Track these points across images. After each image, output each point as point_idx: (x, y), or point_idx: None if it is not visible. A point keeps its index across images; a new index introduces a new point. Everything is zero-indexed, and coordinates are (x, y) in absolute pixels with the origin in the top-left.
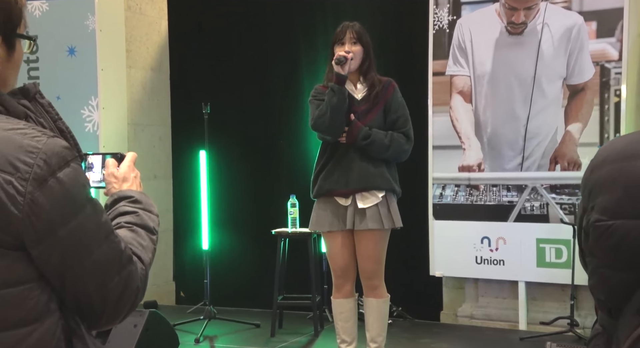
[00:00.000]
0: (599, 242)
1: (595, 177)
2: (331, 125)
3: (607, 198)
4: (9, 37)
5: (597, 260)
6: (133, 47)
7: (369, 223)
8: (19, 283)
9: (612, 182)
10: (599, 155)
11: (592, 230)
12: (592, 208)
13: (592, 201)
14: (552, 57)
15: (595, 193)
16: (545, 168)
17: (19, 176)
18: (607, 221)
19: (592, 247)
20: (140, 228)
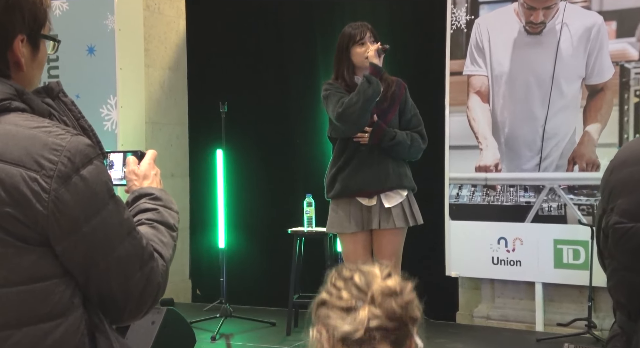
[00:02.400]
0: (619, 244)
1: (615, 179)
2: (360, 116)
3: (627, 200)
4: (34, 38)
5: (616, 262)
6: (151, 47)
7: (395, 222)
8: (44, 279)
9: (633, 184)
10: (619, 157)
11: (611, 232)
12: (611, 210)
13: (612, 202)
14: (571, 57)
15: (615, 194)
16: (563, 168)
17: (43, 173)
18: (627, 223)
19: (611, 249)
20: (160, 225)
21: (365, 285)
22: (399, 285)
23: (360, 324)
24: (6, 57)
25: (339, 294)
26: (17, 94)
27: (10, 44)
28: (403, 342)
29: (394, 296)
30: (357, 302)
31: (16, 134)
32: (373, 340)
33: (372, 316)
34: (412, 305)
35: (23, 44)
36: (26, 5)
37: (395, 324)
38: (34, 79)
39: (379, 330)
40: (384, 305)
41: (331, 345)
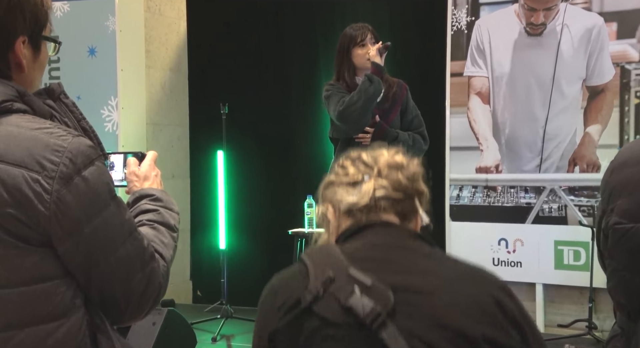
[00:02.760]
0: (619, 245)
1: (615, 179)
2: (361, 115)
3: (627, 201)
4: (35, 39)
5: (616, 262)
6: (152, 48)
7: None
8: (46, 280)
9: (633, 184)
10: (619, 157)
11: (611, 232)
12: (611, 210)
13: (612, 203)
14: (571, 58)
15: (615, 195)
16: (564, 170)
17: (45, 174)
18: (627, 224)
19: (611, 250)
20: (161, 225)
21: (372, 161)
22: (406, 160)
23: (366, 194)
24: (7, 58)
25: (346, 172)
26: (19, 96)
27: (11, 46)
28: (409, 216)
29: (401, 168)
30: (364, 176)
31: (18, 135)
32: (378, 209)
33: (378, 186)
34: (418, 179)
35: (24, 45)
36: (27, 7)
37: (401, 195)
38: (35, 80)
39: (385, 200)
40: (390, 177)
41: (337, 219)
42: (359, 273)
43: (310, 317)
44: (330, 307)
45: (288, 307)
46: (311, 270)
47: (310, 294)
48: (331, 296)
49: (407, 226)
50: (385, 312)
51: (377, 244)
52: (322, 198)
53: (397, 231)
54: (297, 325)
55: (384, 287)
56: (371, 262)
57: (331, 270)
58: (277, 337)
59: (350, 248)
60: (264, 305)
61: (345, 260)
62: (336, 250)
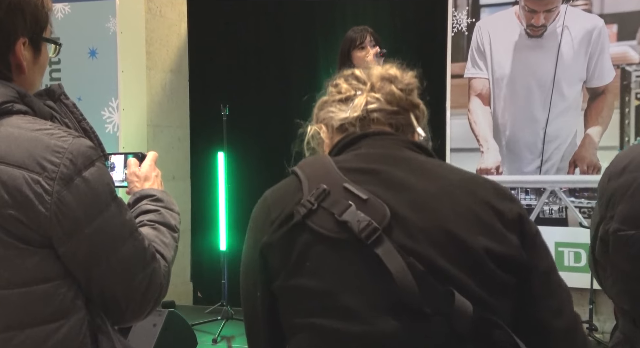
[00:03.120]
0: (621, 252)
1: (614, 186)
2: None
3: (627, 207)
4: (36, 40)
5: (618, 270)
6: (153, 49)
7: None
8: (47, 280)
9: (633, 191)
10: (617, 164)
11: (612, 240)
12: (611, 217)
13: (612, 210)
14: (572, 60)
15: (614, 202)
16: (564, 171)
17: (46, 175)
18: (628, 231)
19: (613, 257)
20: (162, 226)
21: (365, 76)
22: (400, 72)
23: (358, 107)
24: (8, 59)
25: (339, 89)
26: (19, 97)
27: (12, 47)
28: (405, 130)
29: (394, 80)
30: (357, 91)
31: (18, 137)
32: (371, 121)
33: (371, 99)
34: (413, 91)
35: (25, 46)
36: (28, 8)
37: (394, 108)
38: (36, 81)
39: (378, 112)
40: (383, 90)
41: (330, 137)
42: (354, 187)
43: (304, 231)
44: (325, 221)
45: (281, 221)
46: (305, 184)
47: (304, 208)
48: (326, 210)
49: (402, 135)
50: (382, 227)
51: (372, 155)
52: (315, 119)
53: (391, 140)
54: (290, 239)
55: (380, 202)
56: (366, 175)
57: (325, 183)
58: (270, 250)
59: (344, 160)
60: (257, 219)
61: (340, 173)
62: (330, 162)
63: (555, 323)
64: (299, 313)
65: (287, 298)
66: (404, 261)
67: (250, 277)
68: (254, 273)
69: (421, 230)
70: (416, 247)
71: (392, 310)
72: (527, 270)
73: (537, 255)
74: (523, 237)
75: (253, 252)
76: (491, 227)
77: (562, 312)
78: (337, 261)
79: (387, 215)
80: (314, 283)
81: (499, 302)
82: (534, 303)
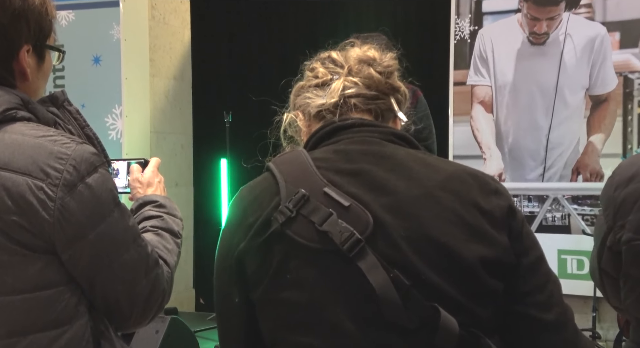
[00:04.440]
0: (635, 262)
1: (622, 195)
2: None
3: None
4: (40, 48)
5: (632, 280)
6: (156, 56)
7: None
8: (50, 287)
9: None
10: (623, 173)
11: (625, 249)
12: (621, 226)
13: (621, 219)
14: (574, 68)
15: (624, 211)
16: (567, 178)
17: (49, 182)
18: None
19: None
20: (165, 232)
21: (342, 59)
22: (379, 54)
23: (335, 92)
24: (12, 67)
25: (315, 74)
26: (23, 104)
27: (16, 54)
28: (385, 115)
29: (373, 63)
30: (333, 76)
31: (22, 143)
32: (349, 108)
33: (348, 84)
34: (392, 73)
35: (29, 54)
36: (32, 16)
37: (373, 93)
38: (39, 88)
39: (356, 98)
40: (361, 73)
41: (307, 125)
42: (334, 192)
43: (282, 239)
44: (304, 230)
45: (258, 228)
46: (282, 186)
47: (282, 215)
48: (305, 218)
49: (383, 125)
50: (364, 237)
51: (352, 152)
52: (292, 105)
53: (372, 133)
54: (268, 247)
55: (362, 209)
56: (346, 176)
57: (304, 187)
58: (246, 257)
59: (322, 159)
60: (232, 221)
61: (319, 175)
62: (308, 160)
63: (545, 316)
64: (282, 328)
65: (268, 310)
66: (387, 275)
67: (225, 282)
68: (229, 278)
69: (405, 239)
70: (400, 258)
71: (376, 324)
72: (516, 269)
73: (525, 246)
74: (511, 232)
75: (229, 256)
76: (481, 231)
77: (551, 305)
78: (318, 273)
79: (370, 223)
80: (296, 296)
81: (486, 311)
82: (522, 299)
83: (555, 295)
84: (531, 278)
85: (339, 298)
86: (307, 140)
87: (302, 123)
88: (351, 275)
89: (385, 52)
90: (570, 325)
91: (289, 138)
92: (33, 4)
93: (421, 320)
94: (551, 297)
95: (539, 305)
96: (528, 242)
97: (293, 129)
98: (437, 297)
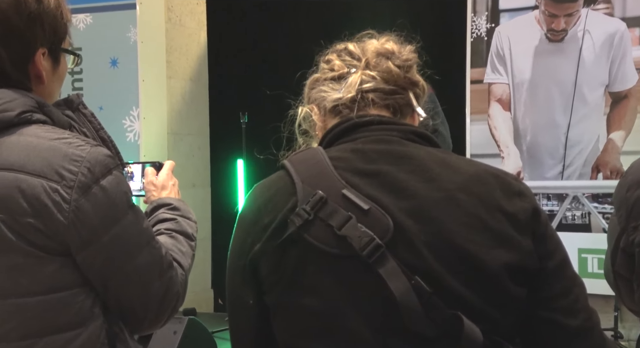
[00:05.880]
0: None
1: (635, 196)
2: None
3: None
4: (55, 51)
5: None
6: (173, 58)
7: None
8: (65, 289)
9: None
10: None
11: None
12: (634, 228)
13: (634, 221)
14: (593, 64)
15: (637, 212)
16: (587, 176)
17: (64, 184)
18: None
19: None
20: (179, 234)
21: (360, 51)
22: (397, 46)
23: (352, 87)
24: (27, 70)
25: (331, 66)
26: (38, 106)
27: (31, 58)
28: (404, 111)
29: (391, 56)
30: (350, 69)
31: (37, 146)
32: (367, 103)
33: (366, 78)
34: (412, 67)
35: (44, 57)
36: (47, 19)
37: (392, 87)
38: (55, 92)
39: (373, 92)
40: (379, 67)
41: (322, 120)
42: (353, 194)
43: (299, 243)
44: (322, 235)
45: (274, 230)
46: (299, 187)
47: (299, 218)
48: (323, 222)
49: (402, 122)
50: (384, 243)
51: (370, 152)
52: (307, 99)
53: (390, 131)
54: (284, 251)
55: (382, 212)
56: (365, 178)
57: (321, 188)
58: (261, 260)
59: (340, 158)
60: (246, 220)
61: (337, 176)
62: (325, 160)
63: (570, 322)
64: (297, 335)
65: (283, 316)
66: (408, 282)
67: (238, 284)
68: (243, 280)
69: (426, 244)
70: (421, 264)
71: (395, 333)
72: (539, 273)
73: (549, 250)
74: (535, 235)
75: (242, 257)
76: (504, 236)
77: (576, 310)
78: (336, 279)
79: (390, 228)
80: (312, 302)
81: (509, 318)
82: (547, 304)
83: (581, 300)
84: (556, 283)
85: (357, 305)
86: (323, 136)
87: (317, 117)
88: (370, 282)
89: (404, 44)
90: (596, 331)
91: (303, 132)
92: (48, 7)
93: (443, 329)
94: (576, 302)
95: (564, 310)
96: (552, 245)
97: (307, 123)
98: (459, 305)
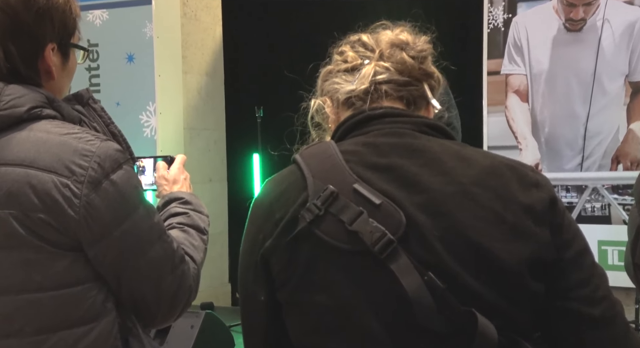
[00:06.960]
0: None
1: None
2: None
3: None
4: (64, 46)
5: None
6: (188, 53)
7: None
8: (77, 284)
9: None
10: None
11: None
12: None
13: None
14: (613, 54)
15: None
16: (607, 168)
17: (74, 179)
18: None
19: None
20: (191, 228)
21: (374, 43)
22: (412, 37)
23: (365, 78)
24: (37, 65)
25: (345, 58)
26: (48, 102)
27: (41, 53)
28: (418, 103)
29: (405, 47)
30: (364, 60)
31: (47, 141)
32: (380, 95)
33: (380, 69)
34: (426, 58)
35: (53, 52)
36: (56, 14)
37: (406, 79)
38: (64, 87)
39: (387, 84)
40: (392, 58)
41: (335, 112)
42: (365, 188)
43: (310, 238)
44: (333, 230)
45: (285, 225)
46: (310, 182)
47: (310, 213)
48: (334, 217)
49: (416, 114)
50: (397, 238)
51: (382, 145)
52: (319, 91)
53: (404, 123)
54: (295, 246)
55: (394, 207)
56: (377, 172)
57: (333, 183)
58: (272, 255)
59: (351, 152)
60: (257, 215)
61: (348, 170)
62: (337, 154)
63: (591, 311)
64: (309, 332)
65: (295, 313)
66: (421, 277)
67: (250, 280)
68: (255, 276)
69: (439, 239)
70: (435, 259)
71: (408, 329)
72: (557, 263)
73: (566, 239)
74: (552, 225)
75: (254, 253)
76: (521, 228)
77: (597, 299)
78: (347, 275)
79: (403, 223)
80: (324, 299)
81: (526, 314)
82: (566, 294)
83: (602, 289)
84: (573, 272)
85: (369, 301)
86: (336, 129)
87: (330, 109)
88: (382, 278)
89: (419, 35)
90: (618, 320)
91: (316, 125)
92: (57, 2)
93: (456, 325)
94: (596, 291)
95: (584, 300)
96: (569, 235)
97: (320, 115)
98: (473, 301)
